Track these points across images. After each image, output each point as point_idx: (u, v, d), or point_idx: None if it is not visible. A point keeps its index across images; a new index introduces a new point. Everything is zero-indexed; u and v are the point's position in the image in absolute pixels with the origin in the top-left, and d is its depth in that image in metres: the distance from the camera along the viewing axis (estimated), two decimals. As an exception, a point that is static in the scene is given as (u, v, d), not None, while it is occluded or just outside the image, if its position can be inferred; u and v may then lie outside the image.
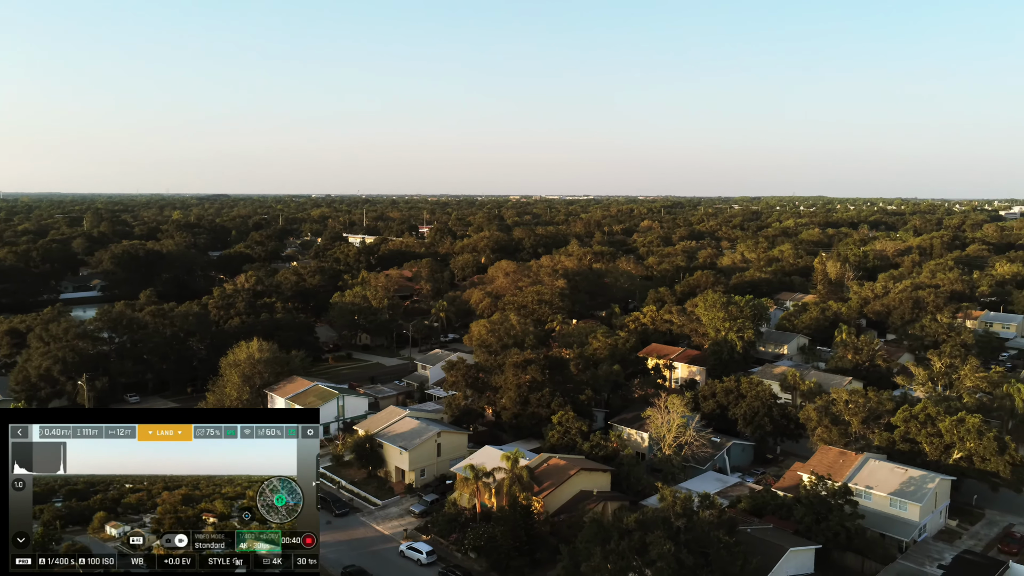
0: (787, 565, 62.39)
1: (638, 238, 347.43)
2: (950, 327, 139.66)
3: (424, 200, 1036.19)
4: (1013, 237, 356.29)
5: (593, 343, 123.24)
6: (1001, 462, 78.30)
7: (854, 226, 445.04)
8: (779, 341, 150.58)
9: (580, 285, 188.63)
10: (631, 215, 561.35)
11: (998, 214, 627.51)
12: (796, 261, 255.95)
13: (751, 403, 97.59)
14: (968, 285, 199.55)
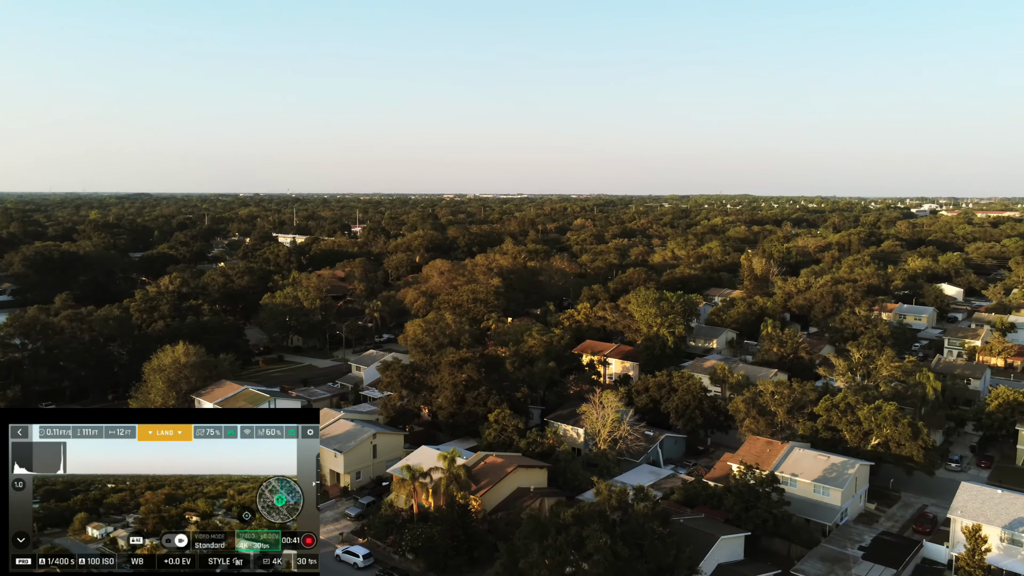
0: (718, 553, 64.17)
1: (572, 236, 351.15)
2: (867, 319, 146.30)
3: (356, 199, 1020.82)
4: (923, 233, 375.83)
5: (529, 341, 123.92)
6: (915, 447, 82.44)
7: (778, 223, 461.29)
8: (709, 336, 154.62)
9: (515, 283, 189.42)
10: (565, 213, 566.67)
11: (910, 211, 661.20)
12: (724, 258, 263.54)
13: (683, 397, 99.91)
14: (883, 279, 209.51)
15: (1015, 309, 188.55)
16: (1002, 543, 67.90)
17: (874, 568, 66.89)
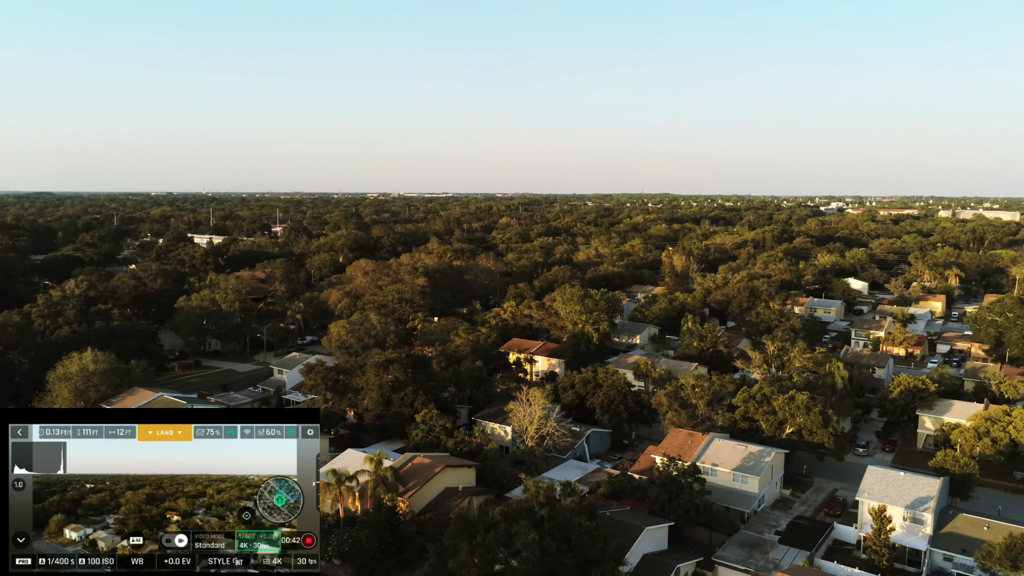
0: (643, 544, 65.64)
1: (497, 235, 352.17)
2: (781, 313, 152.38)
3: (277, 198, 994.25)
4: (831, 230, 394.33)
5: (455, 340, 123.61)
6: (826, 434, 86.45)
7: (697, 221, 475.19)
8: (632, 332, 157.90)
9: (441, 283, 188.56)
10: (490, 212, 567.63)
11: (819, 210, 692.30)
12: (646, 255, 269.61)
13: (607, 392, 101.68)
14: (795, 275, 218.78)
15: (914, 301, 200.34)
16: (905, 522, 72.05)
17: (789, 551, 69.80)
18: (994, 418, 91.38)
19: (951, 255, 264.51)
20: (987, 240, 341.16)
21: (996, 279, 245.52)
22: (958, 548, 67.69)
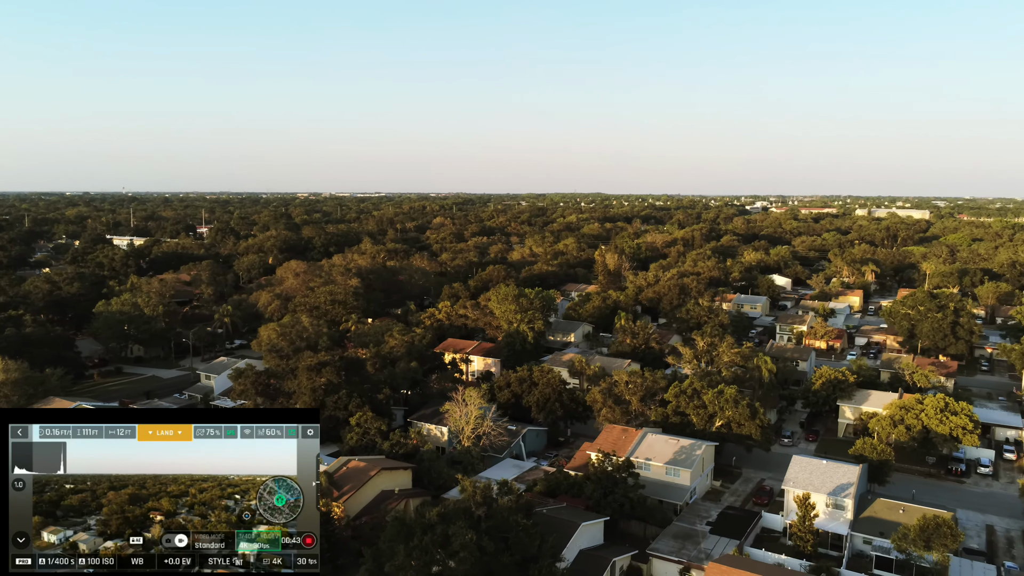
0: (580, 539, 66.38)
1: (431, 235, 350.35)
2: (710, 310, 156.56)
3: (202, 198, 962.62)
4: (757, 228, 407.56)
5: (390, 341, 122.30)
6: (753, 426, 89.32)
7: (628, 221, 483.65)
8: (566, 330, 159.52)
9: (374, 283, 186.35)
10: (424, 212, 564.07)
11: (744, 208, 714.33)
12: (579, 254, 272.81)
13: (543, 390, 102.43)
14: (723, 272, 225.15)
15: (834, 296, 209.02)
16: (827, 508, 75.09)
17: (720, 541, 71.78)
18: (908, 406, 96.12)
19: (867, 252, 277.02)
20: (900, 237, 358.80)
21: (908, 274, 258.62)
22: (876, 531, 70.93)
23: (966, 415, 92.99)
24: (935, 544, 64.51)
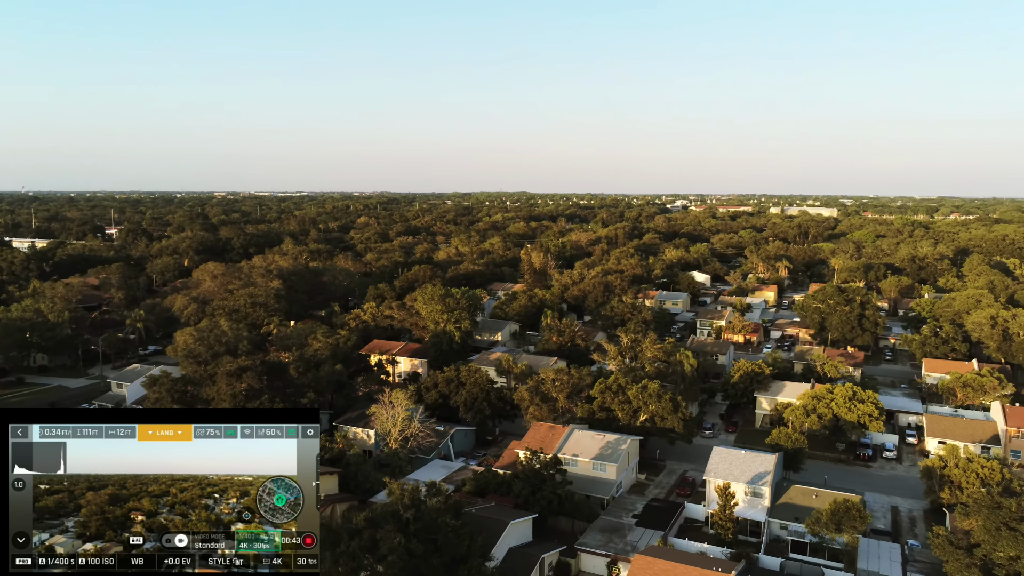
0: (509, 538, 66.68)
1: (355, 235, 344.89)
2: (633, 306, 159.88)
3: (111, 197, 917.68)
4: (677, 227, 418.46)
5: (313, 344, 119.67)
6: (676, 419, 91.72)
7: (553, 219, 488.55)
8: (493, 329, 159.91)
9: (297, 285, 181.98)
10: (347, 212, 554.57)
11: (665, 207, 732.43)
12: (505, 253, 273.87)
13: (471, 390, 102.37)
14: (645, 269, 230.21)
15: (751, 292, 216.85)
16: (747, 496, 77.86)
17: (646, 532, 73.43)
18: (819, 396, 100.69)
19: (781, 248, 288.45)
20: (811, 234, 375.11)
21: (819, 269, 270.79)
22: (792, 517, 74.01)
23: (872, 403, 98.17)
24: (845, 526, 67.82)
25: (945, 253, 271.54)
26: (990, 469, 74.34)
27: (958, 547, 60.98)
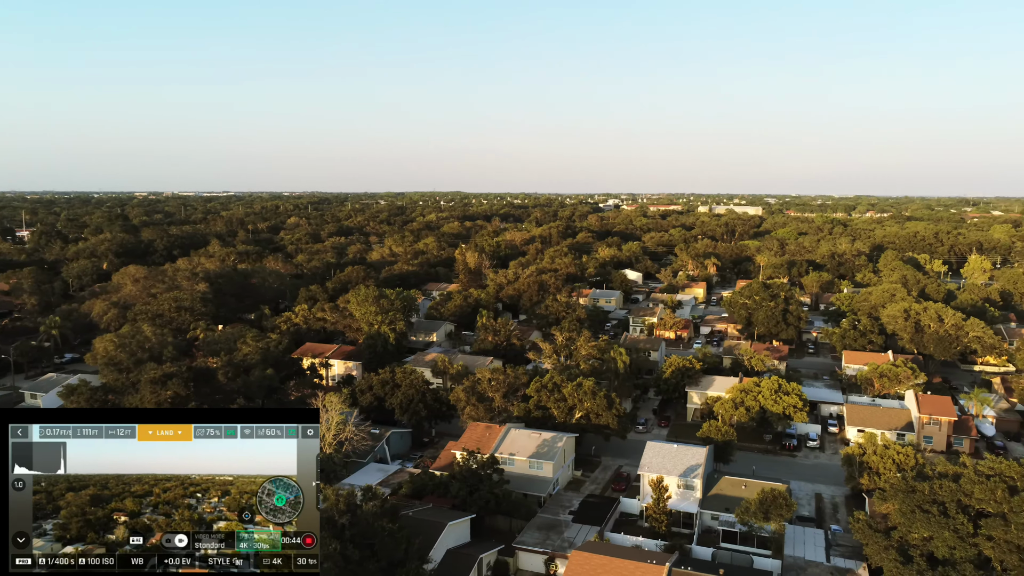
0: (447, 539, 66.42)
1: (285, 235, 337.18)
2: (567, 305, 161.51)
3: (21, 198, 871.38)
4: (610, 225, 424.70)
5: (243, 348, 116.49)
6: (610, 416, 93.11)
7: (488, 219, 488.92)
8: (429, 329, 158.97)
9: (225, 288, 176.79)
10: (277, 212, 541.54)
11: (598, 206, 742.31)
12: (440, 253, 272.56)
13: (406, 391, 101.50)
14: (579, 268, 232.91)
15: (681, 289, 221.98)
16: (679, 489, 79.66)
17: (582, 528, 74.31)
18: (747, 389, 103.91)
19: (709, 246, 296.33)
20: (737, 232, 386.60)
21: (745, 266, 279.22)
22: (722, 507, 76.15)
23: (796, 395, 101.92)
24: (773, 515, 70.21)
25: (862, 249, 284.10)
26: (905, 455, 78.17)
27: (877, 530, 63.90)
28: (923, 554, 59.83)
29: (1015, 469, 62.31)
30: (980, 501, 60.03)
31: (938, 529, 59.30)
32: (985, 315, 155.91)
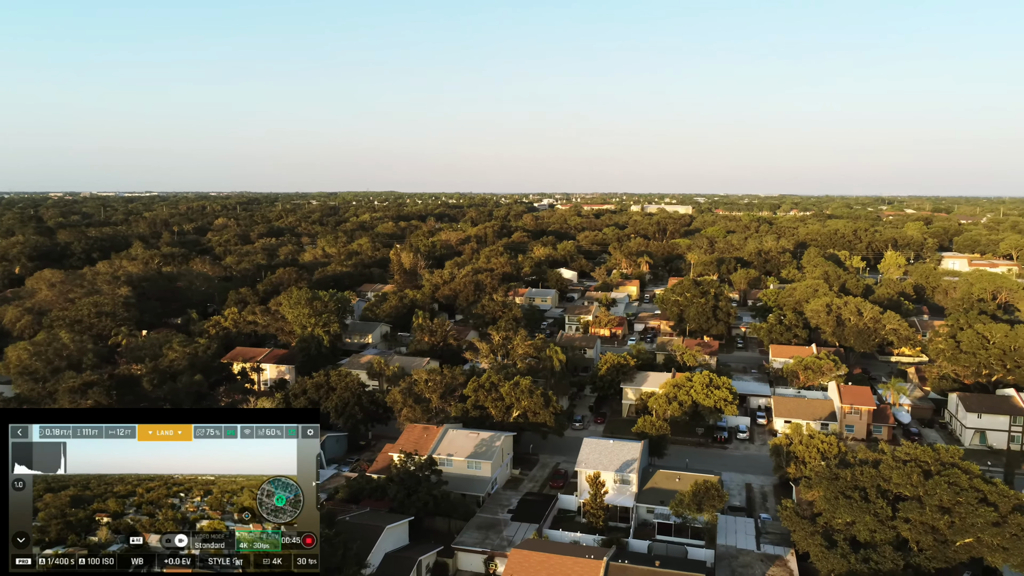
0: (385, 543, 65.71)
1: (213, 237, 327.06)
2: (504, 304, 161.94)
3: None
4: (544, 225, 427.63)
5: (169, 354, 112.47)
6: (547, 414, 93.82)
7: (423, 219, 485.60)
8: (364, 331, 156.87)
9: (149, 291, 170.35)
10: (204, 213, 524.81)
11: (533, 206, 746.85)
12: (374, 253, 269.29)
13: (341, 394, 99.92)
14: (515, 267, 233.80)
15: (615, 287, 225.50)
16: (616, 484, 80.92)
17: (521, 526, 74.67)
18: (679, 384, 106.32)
19: (642, 245, 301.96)
20: (669, 231, 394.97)
21: (677, 264, 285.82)
22: (657, 500, 77.73)
23: (727, 388, 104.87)
24: (705, 506, 72.07)
25: (787, 247, 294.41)
26: (828, 444, 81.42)
27: (803, 517, 66.39)
28: (846, 538, 62.46)
29: (929, 454, 65.72)
30: (898, 485, 63.07)
31: (860, 514, 62.00)
32: (900, 308, 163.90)
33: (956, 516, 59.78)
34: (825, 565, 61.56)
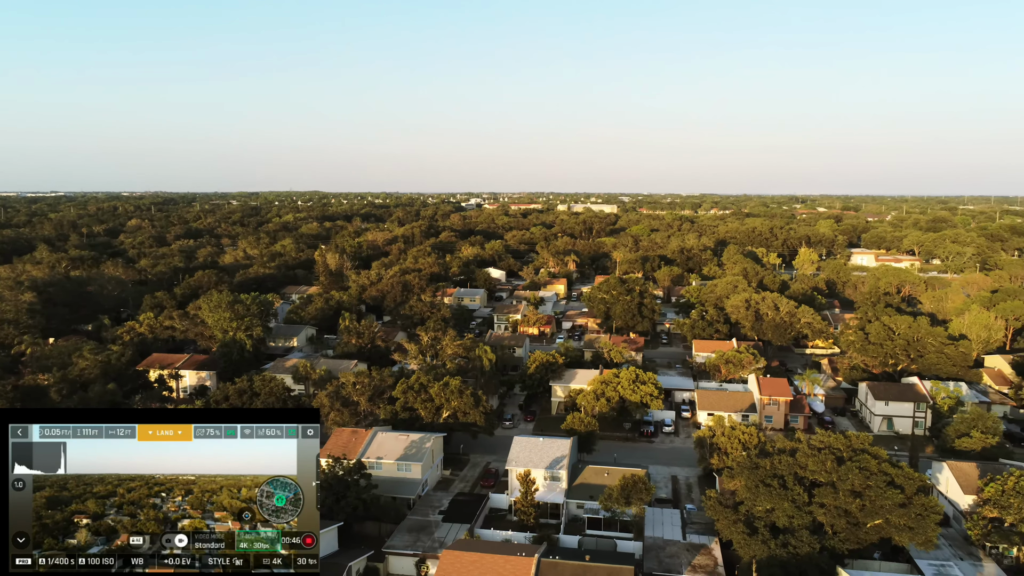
0: (313, 550, 64.34)
1: (126, 239, 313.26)
2: (432, 304, 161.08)
3: None
4: (472, 224, 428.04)
5: (80, 363, 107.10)
6: (477, 414, 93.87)
7: (348, 219, 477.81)
8: (289, 334, 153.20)
9: (56, 297, 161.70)
10: (116, 214, 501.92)
11: (460, 205, 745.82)
12: (298, 255, 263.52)
13: (266, 400, 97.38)
14: (443, 267, 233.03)
15: (543, 285, 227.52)
16: (546, 481, 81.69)
17: (452, 527, 74.49)
18: (607, 380, 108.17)
19: (569, 244, 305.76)
20: (595, 230, 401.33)
21: (603, 262, 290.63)
22: (587, 496, 78.91)
23: (652, 383, 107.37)
24: (633, 499, 73.64)
25: (708, 244, 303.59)
26: (749, 434, 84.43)
27: (726, 506, 68.63)
28: (767, 524, 64.93)
29: (841, 441, 68.97)
30: (813, 472, 65.96)
31: (779, 500, 64.56)
32: (814, 303, 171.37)
33: (867, 499, 62.98)
34: (747, 551, 63.84)
